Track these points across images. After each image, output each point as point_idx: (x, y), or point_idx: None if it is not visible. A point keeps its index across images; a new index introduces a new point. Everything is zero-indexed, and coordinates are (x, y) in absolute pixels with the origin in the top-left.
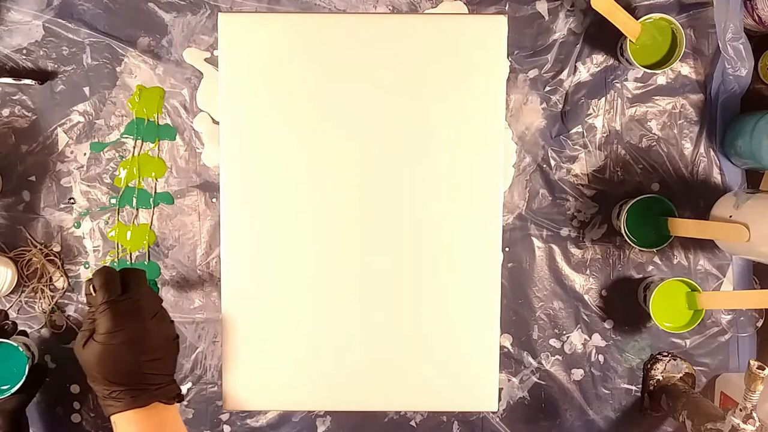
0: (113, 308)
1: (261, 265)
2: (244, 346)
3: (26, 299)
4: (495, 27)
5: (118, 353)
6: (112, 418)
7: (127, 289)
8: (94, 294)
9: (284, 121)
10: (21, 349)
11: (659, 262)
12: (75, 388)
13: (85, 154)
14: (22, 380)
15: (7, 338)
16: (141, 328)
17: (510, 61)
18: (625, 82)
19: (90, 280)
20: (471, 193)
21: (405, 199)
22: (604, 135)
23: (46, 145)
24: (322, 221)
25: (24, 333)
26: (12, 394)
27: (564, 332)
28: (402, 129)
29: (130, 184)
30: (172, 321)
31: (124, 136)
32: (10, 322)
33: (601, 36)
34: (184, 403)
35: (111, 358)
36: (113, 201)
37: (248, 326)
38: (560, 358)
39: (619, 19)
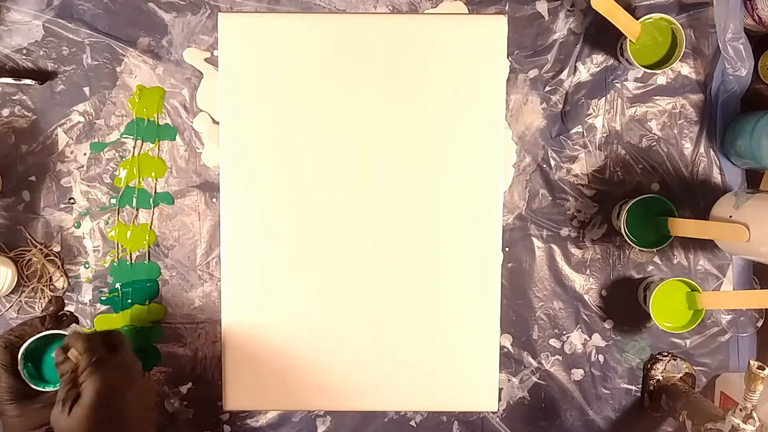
0: (102, 370)
1: (261, 265)
2: (244, 346)
3: (26, 299)
4: (495, 27)
5: (108, 420)
6: None
7: (113, 349)
8: (66, 358)
9: (284, 121)
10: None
11: (659, 262)
12: None
13: (85, 154)
14: None
15: (65, 329)
16: (128, 392)
17: (510, 61)
18: (625, 82)
19: (62, 348)
20: (471, 193)
21: (405, 199)
22: (604, 135)
23: (46, 145)
24: (322, 221)
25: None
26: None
27: (564, 332)
28: (402, 129)
29: (130, 184)
30: (153, 385)
31: (124, 136)
32: (67, 312)
33: (601, 36)
34: (185, 402)
35: (100, 424)
36: (113, 201)
37: (248, 326)
38: (560, 358)
39: (619, 19)
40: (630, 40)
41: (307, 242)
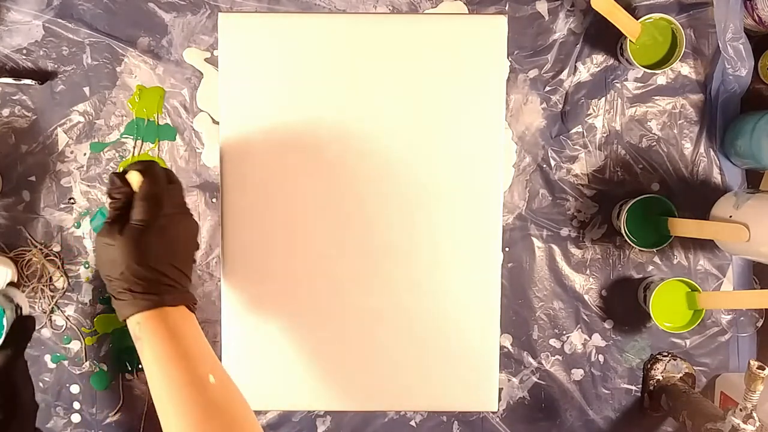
0: (165, 194)
1: (261, 265)
2: (244, 346)
3: (26, 299)
4: (495, 27)
5: (163, 238)
6: (136, 320)
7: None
8: (120, 183)
9: (284, 121)
10: None
11: (659, 262)
12: (75, 388)
13: (85, 154)
14: (2, 336)
15: None
16: (184, 219)
17: (510, 61)
18: (625, 82)
19: (119, 174)
20: (471, 193)
21: (405, 199)
22: (604, 135)
23: (46, 145)
24: (322, 221)
25: (12, 284)
26: None
27: (564, 332)
28: (402, 129)
29: None
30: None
31: (124, 136)
32: None
33: (601, 36)
34: None
35: (155, 242)
36: None
37: (248, 326)
38: (560, 358)
39: (619, 19)
40: (630, 40)
41: (307, 242)
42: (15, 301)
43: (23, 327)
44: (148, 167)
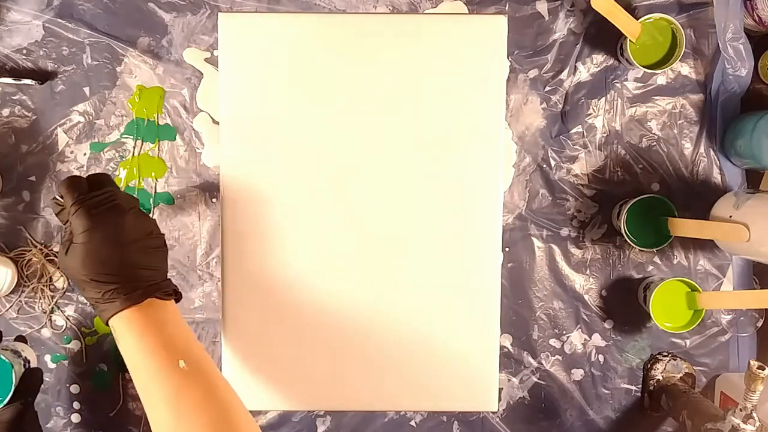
0: (85, 204)
1: (261, 265)
2: (244, 346)
3: (26, 299)
4: (495, 27)
5: (101, 248)
6: (111, 323)
7: (98, 188)
8: (62, 204)
9: (284, 121)
10: (4, 358)
11: (659, 262)
12: (75, 388)
13: (85, 154)
14: (12, 390)
15: None
16: (118, 220)
17: (510, 61)
18: (625, 82)
19: (54, 198)
20: (471, 193)
21: (405, 199)
22: (604, 135)
23: (46, 145)
24: (322, 221)
25: (22, 339)
26: (6, 405)
27: (564, 332)
28: (402, 129)
29: (130, 184)
30: (154, 219)
31: (124, 136)
32: None
33: (601, 36)
34: None
35: (95, 255)
36: None
37: (248, 326)
38: (560, 358)
39: (619, 19)
40: (630, 40)
41: (306, 242)
42: (23, 355)
43: (32, 379)
44: (63, 187)
